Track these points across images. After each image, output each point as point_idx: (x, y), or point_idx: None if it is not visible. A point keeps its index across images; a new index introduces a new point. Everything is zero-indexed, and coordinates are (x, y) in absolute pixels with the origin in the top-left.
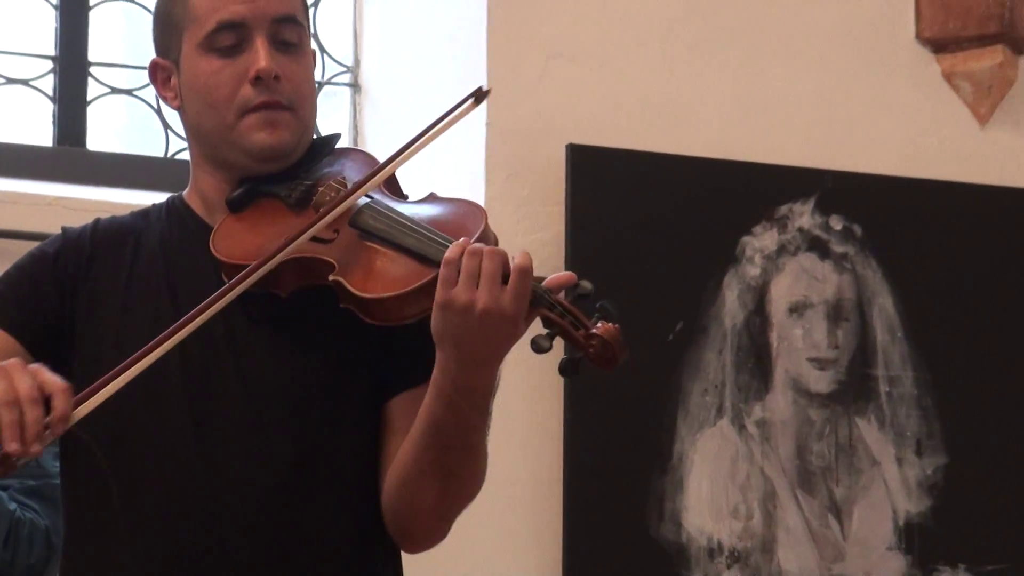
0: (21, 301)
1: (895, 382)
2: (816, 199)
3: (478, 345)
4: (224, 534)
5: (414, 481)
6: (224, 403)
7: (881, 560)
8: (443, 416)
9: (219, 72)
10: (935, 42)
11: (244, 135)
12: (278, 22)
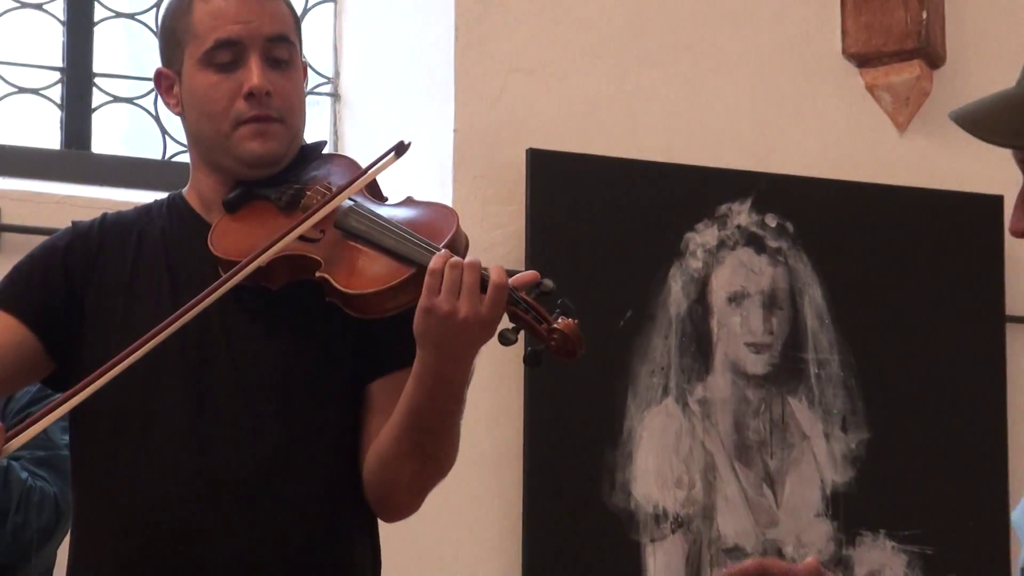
0: (32, 288)
1: (823, 365)
2: (753, 199)
3: (456, 344)
4: (216, 502)
5: (393, 459)
6: (218, 385)
7: (810, 526)
8: (423, 403)
9: (216, 86)
10: (859, 57)
11: (238, 144)
12: (271, 41)
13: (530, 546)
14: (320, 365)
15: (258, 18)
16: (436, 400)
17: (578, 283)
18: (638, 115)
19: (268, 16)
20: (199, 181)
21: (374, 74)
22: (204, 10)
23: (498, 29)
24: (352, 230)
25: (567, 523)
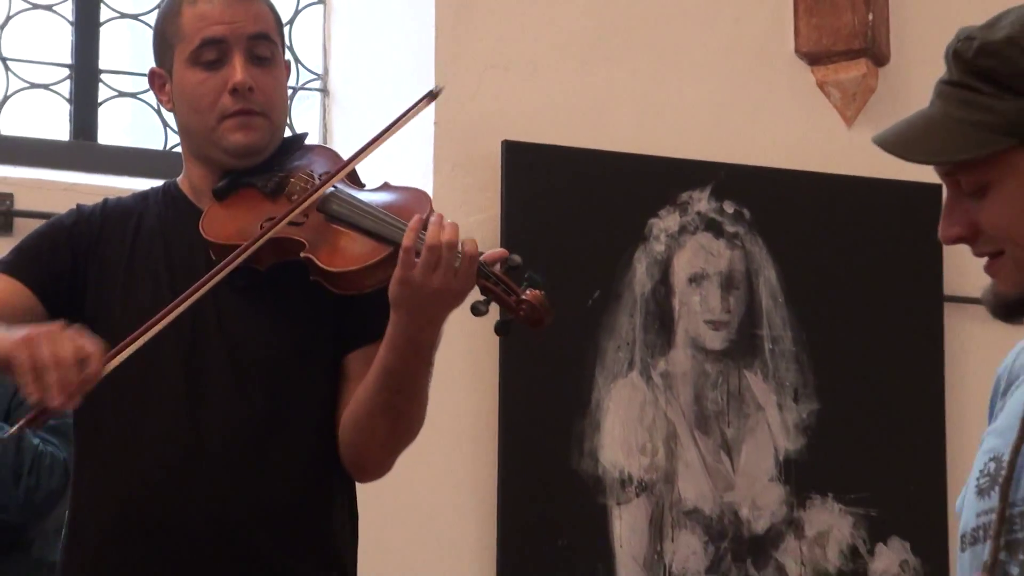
0: (40, 260)
1: (776, 341)
2: (712, 187)
3: (427, 311)
4: (207, 470)
5: (367, 420)
6: (210, 359)
7: (764, 490)
8: (395, 365)
9: (203, 83)
10: (810, 56)
11: (223, 136)
12: (253, 39)
13: (504, 509)
14: (305, 340)
15: (241, 19)
16: (407, 361)
17: (550, 265)
18: (606, 109)
19: (250, 16)
20: (190, 171)
21: (360, 71)
22: (191, 13)
23: (475, 30)
24: (334, 213)
25: (539, 487)
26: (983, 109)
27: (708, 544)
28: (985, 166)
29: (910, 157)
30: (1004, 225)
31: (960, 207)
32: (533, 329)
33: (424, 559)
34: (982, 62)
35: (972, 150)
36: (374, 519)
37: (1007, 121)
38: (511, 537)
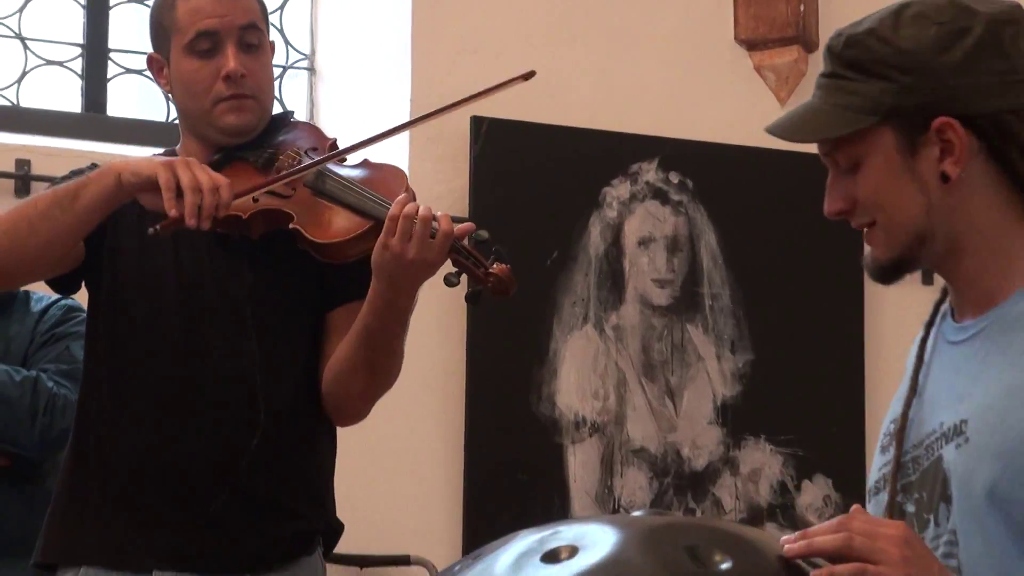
0: None
1: (716, 298)
2: (659, 160)
3: (405, 277)
4: (202, 406)
5: (347, 373)
6: (207, 312)
7: (703, 431)
8: (374, 324)
9: (198, 71)
10: (748, 42)
11: (218, 118)
12: (243, 29)
13: (470, 448)
14: (291, 298)
15: (231, 11)
16: (385, 322)
17: (512, 229)
18: (564, 89)
19: (240, 9)
20: (187, 145)
21: (345, 52)
22: (185, 6)
23: (447, 17)
24: (319, 188)
25: (502, 429)
26: (851, 93)
27: (653, 480)
28: (856, 144)
29: (792, 139)
30: (873, 195)
31: (839, 184)
32: (499, 298)
33: (398, 493)
34: (848, 52)
35: (842, 128)
36: (354, 458)
37: (871, 101)
38: (476, 473)
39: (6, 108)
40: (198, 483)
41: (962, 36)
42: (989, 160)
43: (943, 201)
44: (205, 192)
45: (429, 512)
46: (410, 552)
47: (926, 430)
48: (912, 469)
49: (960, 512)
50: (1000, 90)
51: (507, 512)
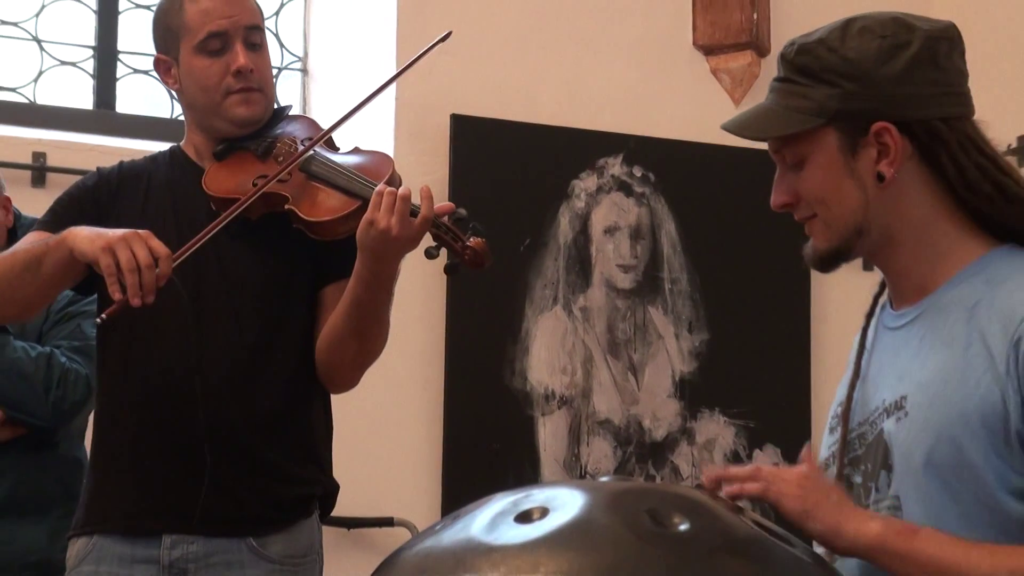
0: (71, 218)
1: (675, 282)
2: (624, 155)
3: (388, 251)
4: (209, 379)
5: (339, 343)
6: (211, 289)
7: (663, 404)
8: (361, 295)
9: (209, 68)
10: (706, 47)
11: (229, 110)
12: (249, 29)
13: (448, 418)
14: (288, 275)
15: (238, 13)
16: (371, 292)
17: (488, 217)
18: (536, 90)
19: (246, 11)
20: (193, 137)
21: (335, 55)
22: (194, 9)
23: (429, 22)
24: (313, 173)
25: (477, 401)
26: (800, 96)
27: (617, 448)
28: (802, 143)
29: (745, 136)
30: (815, 191)
31: (785, 179)
32: (475, 270)
33: (383, 460)
34: (799, 60)
35: (790, 128)
36: (342, 427)
37: (818, 104)
38: (455, 442)
39: (23, 105)
40: (202, 452)
41: (902, 49)
42: (922, 163)
43: (879, 198)
44: (143, 270)
45: (411, 477)
46: (394, 514)
47: (870, 408)
48: (859, 444)
49: (901, 479)
50: (933, 100)
51: (483, 477)
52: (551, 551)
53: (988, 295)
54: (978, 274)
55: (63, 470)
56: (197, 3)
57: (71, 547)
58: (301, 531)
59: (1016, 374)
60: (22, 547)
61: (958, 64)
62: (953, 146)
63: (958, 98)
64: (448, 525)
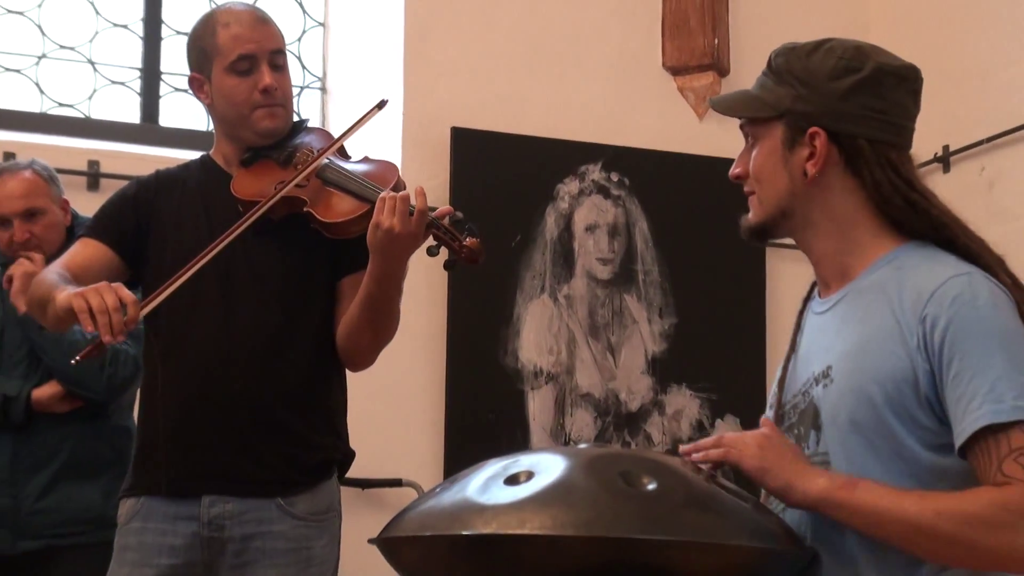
0: (113, 225)
1: (647, 273)
2: (603, 162)
3: (394, 249)
4: (239, 360)
5: (355, 331)
6: (239, 282)
7: (637, 380)
8: (375, 291)
9: (239, 86)
10: (673, 68)
11: (256, 122)
12: (274, 53)
13: (450, 392)
14: (307, 268)
15: (264, 38)
16: (383, 288)
17: (483, 218)
18: (526, 105)
19: (271, 36)
20: (222, 147)
21: (350, 75)
22: (226, 34)
23: (432, 48)
24: (328, 179)
25: (475, 377)
26: (767, 91)
27: (597, 419)
28: (759, 127)
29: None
30: (756, 170)
31: (745, 155)
32: (471, 265)
33: (393, 428)
34: (777, 61)
35: (753, 112)
36: (358, 400)
37: (776, 100)
38: (455, 412)
39: (79, 119)
40: (237, 422)
41: (852, 73)
42: (846, 170)
43: (803, 190)
44: (111, 311)
45: (417, 444)
46: (402, 476)
47: (802, 380)
48: (793, 413)
49: (828, 438)
50: (864, 121)
51: (480, 443)
52: (536, 509)
53: (899, 280)
54: (891, 263)
55: (115, 438)
56: (229, 29)
57: (122, 506)
58: (322, 491)
59: (924, 346)
60: (81, 505)
61: (902, 100)
62: (872, 163)
63: (891, 127)
64: (447, 487)
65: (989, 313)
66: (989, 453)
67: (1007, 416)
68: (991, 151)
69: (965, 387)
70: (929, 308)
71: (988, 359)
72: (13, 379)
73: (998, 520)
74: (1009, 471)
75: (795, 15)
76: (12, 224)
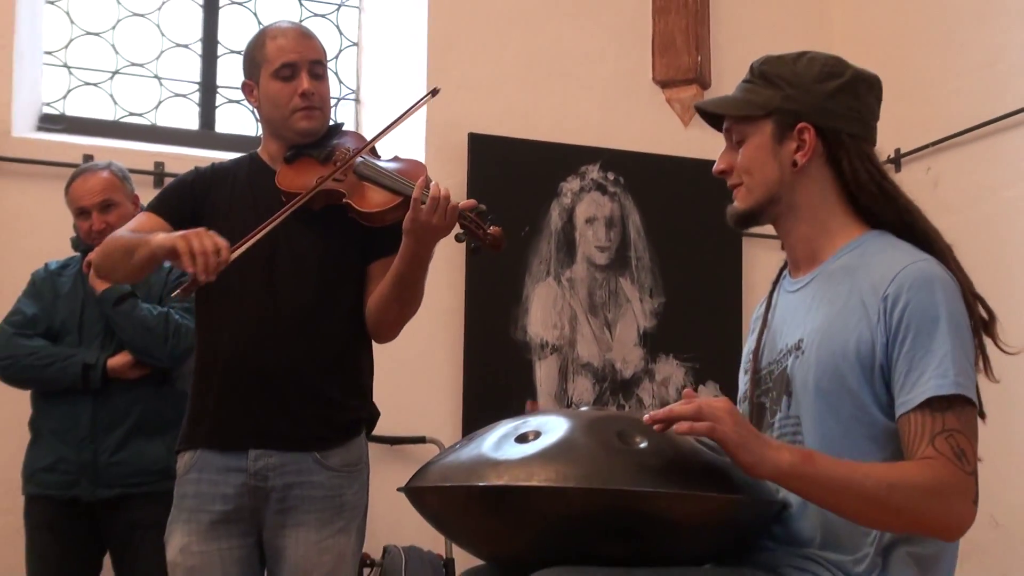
0: (172, 203)
1: (639, 259)
2: (600, 163)
3: (427, 236)
4: (280, 332)
5: (384, 307)
6: (281, 264)
7: (630, 351)
8: (404, 272)
9: (282, 90)
10: (662, 82)
11: (295, 123)
12: (312, 63)
13: (468, 361)
14: (341, 251)
15: (305, 50)
16: (412, 268)
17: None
18: (534, 114)
19: (311, 48)
20: (268, 145)
21: (380, 88)
22: (273, 45)
23: (452, 63)
24: (363, 174)
25: (489, 349)
26: (754, 93)
27: (595, 385)
28: (747, 126)
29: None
30: (746, 163)
31: (728, 153)
32: (494, 251)
33: (417, 392)
34: (762, 68)
35: (742, 111)
36: (387, 367)
37: (764, 100)
38: (472, 379)
39: (147, 126)
40: (278, 387)
41: (835, 77)
42: (827, 163)
43: (791, 179)
44: (209, 255)
45: (439, 405)
46: (425, 434)
47: (775, 351)
48: (768, 379)
49: (799, 404)
50: (845, 118)
51: (493, 406)
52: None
53: (864, 264)
54: (857, 248)
55: (178, 400)
56: (276, 41)
57: (180, 459)
58: (353, 446)
59: (883, 321)
60: (149, 458)
61: (870, 103)
62: (852, 154)
63: (864, 126)
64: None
65: (941, 298)
66: (923, 425)
67: (949, 390)
68: (936, 153)
69: (916, 362)
70: (890, 289)
71: (938, 339)
72: (92, 350)
73: (938, 492)
74: (939, 446)
75: (767, 36)
76: (91, 215)
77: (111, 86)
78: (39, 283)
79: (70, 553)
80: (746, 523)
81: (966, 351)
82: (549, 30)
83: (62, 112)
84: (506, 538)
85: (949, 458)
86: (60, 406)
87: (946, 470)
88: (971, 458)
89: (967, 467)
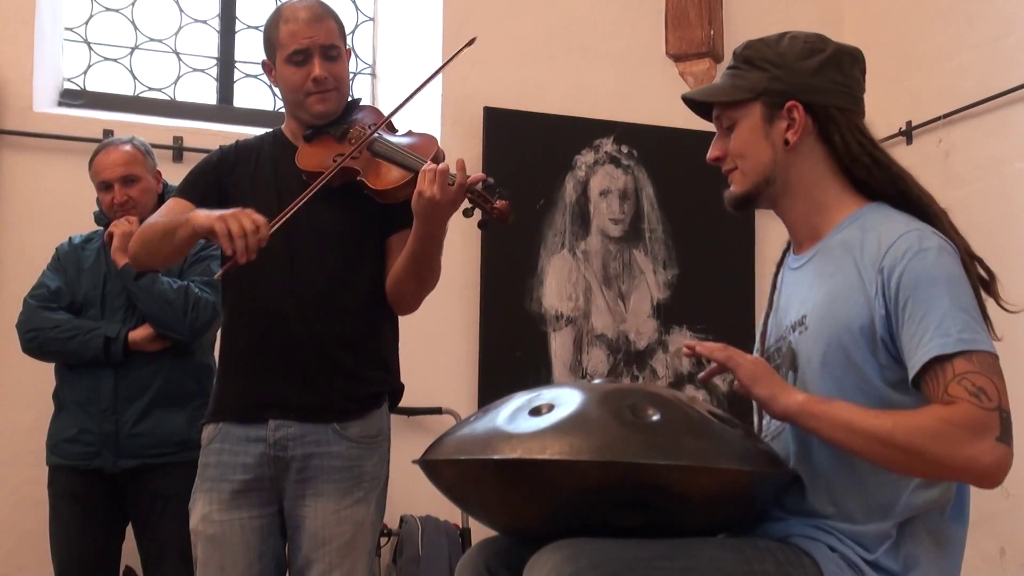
0: (200, 186)
1: (653, 231)
2: (614, 136)
3: (434, 213)
4: (302, 304)
5: (401, 282)
6: (302, 239)
7: (644, 323)
8: (418, 248)
9: (295, 75)
10: (676, 56)
11: (310, 106)
12: (324, 47)
13: (484, 333)
14: (360, 228)
15: (317, 34)
16: (425, 245)
17: (511, 185)
18: (548, 88)
19: (323, 32)
20: (290, 123)
21: (396, 62)
22: (286, 29)
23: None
24: (377, 151)
25: (505, 320)
26: (740, 77)
27: (609, 356)
28: (736, 111)
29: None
30: (739, 147)
31: (720, 140)
32: (502, 224)
33: (435, 364)
34: (745, 52)
35: (730, 97)
36: (406, 340)
37: (752, 84)
38: (488, 351)
39: (166, 101)
40: (299, 359)
41: (818, 53)
42: (818, 139)
43: (784, 158)
44: (248, 234)
45: (456, 377)
46: (442, 405)
47: (782, 327)
48: (776, 356)
49: (804, 376)
50: (833, 93)
51: (508, 378)
52: (556, 437)
53: (861, 238)
54: (854, 223)
55: (198, 372)
56: (288, 25)
57: (204, 431)
58: (373, 418)
59: (881, 292)
60: (170, 429)
61: (856, 76)
62: (843, 127)
63: (852, 99)
64: (480, 417)
65: (935, 262)
66: (937, 379)
67: (952, 347)
68: (947, 126)
69: (917, 326)
70: (886, 260)
71: (936, 301)
72: (114, 323)
73: (943, 432)
74: (953, 392)
75: (778, 9)
76: (113, 188)
77: (131, 61)
78: (63, 257)
79: (93, 522)
80: (758, 495)
81: (966, 306)
82: (563, 4)
83: (83, 87)
84: (520, 510)
85: (965, 399)
86: (83, 378)
87: (959, 409)
88: (992, 395)
89: (987, 403)
